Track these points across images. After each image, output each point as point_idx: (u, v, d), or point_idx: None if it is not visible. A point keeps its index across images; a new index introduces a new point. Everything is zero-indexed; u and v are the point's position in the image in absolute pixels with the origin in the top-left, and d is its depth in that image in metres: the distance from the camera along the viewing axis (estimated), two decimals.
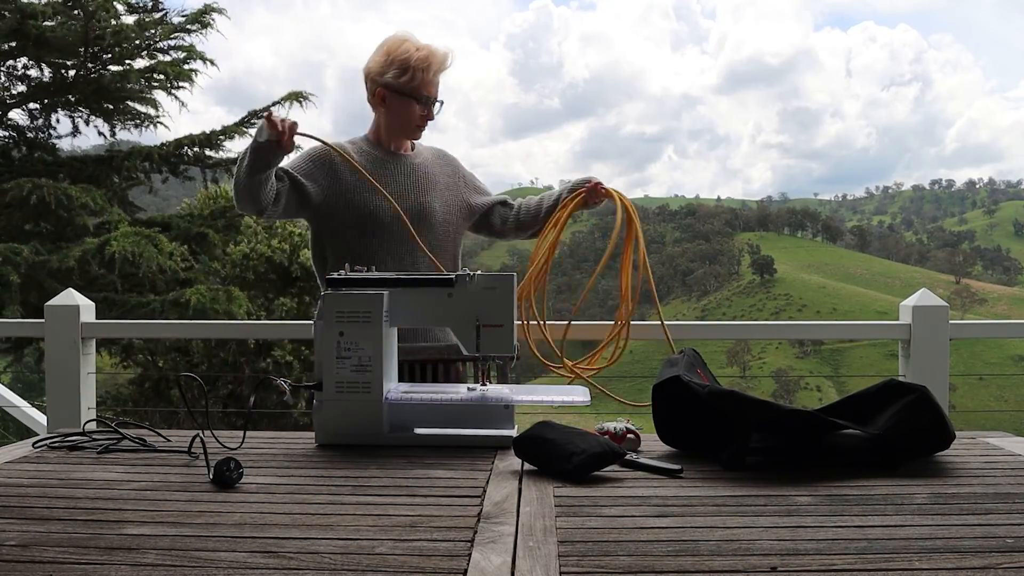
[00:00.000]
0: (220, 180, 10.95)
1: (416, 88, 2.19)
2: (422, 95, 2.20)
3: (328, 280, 1.55)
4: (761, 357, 77.09)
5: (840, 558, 0.89)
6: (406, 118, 2.23)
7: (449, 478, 1.26)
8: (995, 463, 1.36)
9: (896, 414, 1.35)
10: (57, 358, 3.09)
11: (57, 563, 0.87)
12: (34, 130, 10.47)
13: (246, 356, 9.95)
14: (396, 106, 2.22)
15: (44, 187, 8.96)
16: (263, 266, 10.89)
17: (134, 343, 9.47)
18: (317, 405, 1.49)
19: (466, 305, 1.53)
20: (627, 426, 1.46)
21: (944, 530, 0.99)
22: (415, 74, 2.18)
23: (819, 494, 1.16)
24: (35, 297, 8.57)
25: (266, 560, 0.89)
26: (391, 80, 2.19)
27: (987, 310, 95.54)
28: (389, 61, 2.19)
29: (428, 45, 2.24)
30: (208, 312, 8.81)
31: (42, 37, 9.19)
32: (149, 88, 10.28)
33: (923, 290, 3.15)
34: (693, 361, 1.59)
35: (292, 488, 1.20)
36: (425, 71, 2.18)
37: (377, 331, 1.47)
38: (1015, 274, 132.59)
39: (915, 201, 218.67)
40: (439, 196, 2.26)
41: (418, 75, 2.18)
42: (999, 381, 67.39)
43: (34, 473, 1.28)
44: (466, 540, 0.96)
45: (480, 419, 1.52)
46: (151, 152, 10.20)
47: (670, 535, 0.97)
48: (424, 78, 2.19)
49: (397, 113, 2.23)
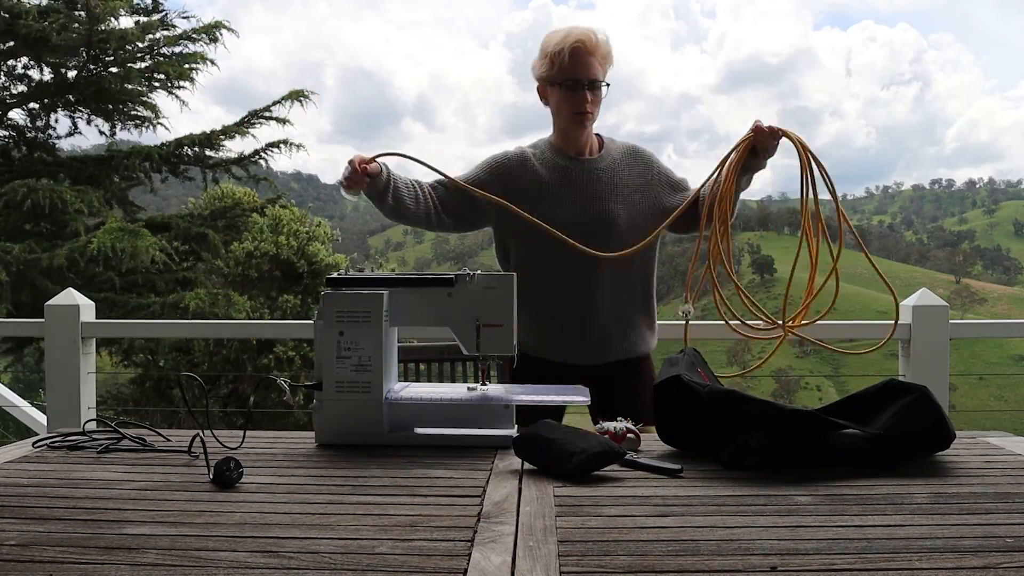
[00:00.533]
0: (221, 180, 10.96)
1: (559, 74, 2.06)
2: (567, 79, 2.06)
3: (328, 280, 1.55)
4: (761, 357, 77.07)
5: (840, 558, 0.89)
6: (560, 110, 2.11)
7: (449, 478, 1.26)
8: (995, 463, 1.36)
9: (896, 414, 1.35)
10: (57, 358, 3.09)
11: (57, 563, 0.87)
12: (34, 130, 10.48)
13: (248, 353, 9.95)
14: (552, 100, 2.12)
15: (39, 190, 8.97)
16: (267, 264, 10.88)
17: (134, 343, 9.48)
18: (317, 405, 1.49)
19: (466, 305, 1.53)
20: (627, 426, 1.46)
21: (944, 530, 0.99)
22: (554, 60, 2.06)
23: (819, 494, 1.16)
24: (28, 296, 8.58)
25: (266, 560, 0.89)
26: (543, 74, 2.10)
27: (987, 310, 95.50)
28: (541, 56, 2.11)
29: (572, 27, 2.11)
30: (207, 316, 8.83)
31: (38, 37, 9.19)
32: (150, 89, 10.29)
33: (923, 290, 3.15)
34: (694, 360, 1.58)
35: (292, 488, 1.20)
36: (562, 53, 2.04)
37: (377, 331, 1.47)
38: (1015, 274, 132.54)
39: (915, 201, 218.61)
40: (625, 200, 2.12)
41: (557, 60, 2.05)
42: (999, 381, 67.37)
43: (34, 473, 1.28)
44: (466, 540, 0.96)
45: (480, 419, 1.52)
46: (151, 152, 10.20)
47: (670, 535, 0.97)
48: (565, 62, 2.05)
49: (556, 108, 2.13)
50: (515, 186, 2.09)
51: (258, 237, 10.90)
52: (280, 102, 10.34)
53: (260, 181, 11.00)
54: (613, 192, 2.13)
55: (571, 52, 2.04)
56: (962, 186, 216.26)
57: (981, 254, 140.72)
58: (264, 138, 10.58)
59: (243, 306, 9.24)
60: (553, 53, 2.06)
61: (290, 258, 10.96)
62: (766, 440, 1.30)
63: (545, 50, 2.09)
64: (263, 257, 10.82)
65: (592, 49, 2.06)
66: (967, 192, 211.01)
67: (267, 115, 10.38)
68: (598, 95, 2.11)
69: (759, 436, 1.30)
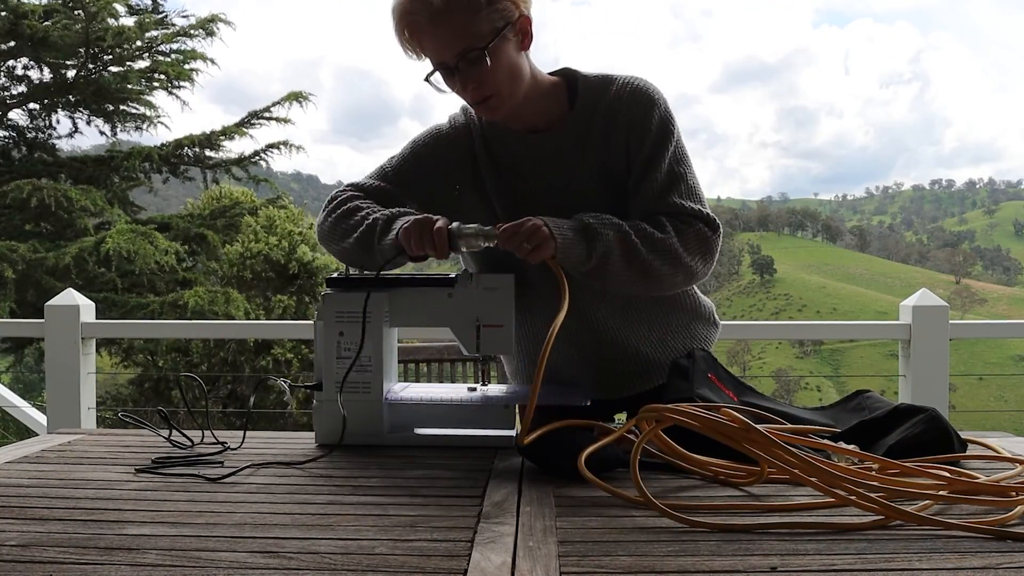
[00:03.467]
0: (220, 180, 10.97)
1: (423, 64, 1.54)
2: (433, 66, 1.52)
3: (328, 280, 1.55)
4: (761, 357, 77.08)
5: (840, 558, 0.89)
6: None
7: (449, 478, 1.26)
8: (995, 463, 1.35)
9: (904, 431, 1.34)
10: (57, 358, 3.09)
11: (57, 563, 0.87)
12: (34, 130, 10.49)
13: (245, 355, 9.96)
14: None
15: (44, 189, 8.99)
16: (260, 264, 10.89)
17: (134, 343, 9.49)
18: (317, 405, 1.49)
19: (466, 305, 1.53)
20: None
21: (944, 530, 0.99)
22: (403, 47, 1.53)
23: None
24: (33, 296, 8.59)
25: (266, 560, 0.89)
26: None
27: (987, 310, 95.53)
28: None
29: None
30: (206, 315, 8.84)
31: (42, 37, 9.21)
32: (150, 88, 10.30)
33: (923, 290, 3.16)
34: (704, 366, 1.54)
35: (292, 488, 1.20)
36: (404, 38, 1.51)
37: (377, 331, 1.47)
38: (1015, 274, 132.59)
39: (915, 201, 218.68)
40: (604, 174, 1.62)
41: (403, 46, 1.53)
42: (999, 381, 67.39)
43: (34, 473, 1.28)
44: (466, 540, 0.96)
45: (480, 419, 1.52)
46: (151, 152, 10.22)
47: (670, 535, 0.97)
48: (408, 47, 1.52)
49: None
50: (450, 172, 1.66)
51: (251, 238, 10.91)
52: (280, 103, 10.36)
53: (260, 182, 11.02)
54: (580, 165, 1.61)
55: (408, 34, 1.48)
56: (962, 186, 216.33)
57: (981, 254, 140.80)
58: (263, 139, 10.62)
59: (242, 304, 9.25)
60: (398, 37, 1.51)
61: (281, 259, 10.98)
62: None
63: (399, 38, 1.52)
64: (256, 258, 10.83)
65: (433, 16, 1.43)
66: (967, 192, 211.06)
67: (267, 115, 10.40)
68: (481, 67, 1.46)
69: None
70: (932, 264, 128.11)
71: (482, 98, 1.51)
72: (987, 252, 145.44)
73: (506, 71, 1.49)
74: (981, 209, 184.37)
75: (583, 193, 1.60)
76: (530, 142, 1.62)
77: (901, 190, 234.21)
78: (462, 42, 1.44)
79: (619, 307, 1.65)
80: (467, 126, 1.68)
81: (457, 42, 1.44)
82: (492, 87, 1.50)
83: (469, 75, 1.48)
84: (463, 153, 1.67)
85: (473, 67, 1.46)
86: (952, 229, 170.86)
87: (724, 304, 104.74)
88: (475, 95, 1.51)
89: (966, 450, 1.35)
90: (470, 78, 1.48)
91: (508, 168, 1.64)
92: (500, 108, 1.53)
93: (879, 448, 1.35)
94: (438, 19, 1.42)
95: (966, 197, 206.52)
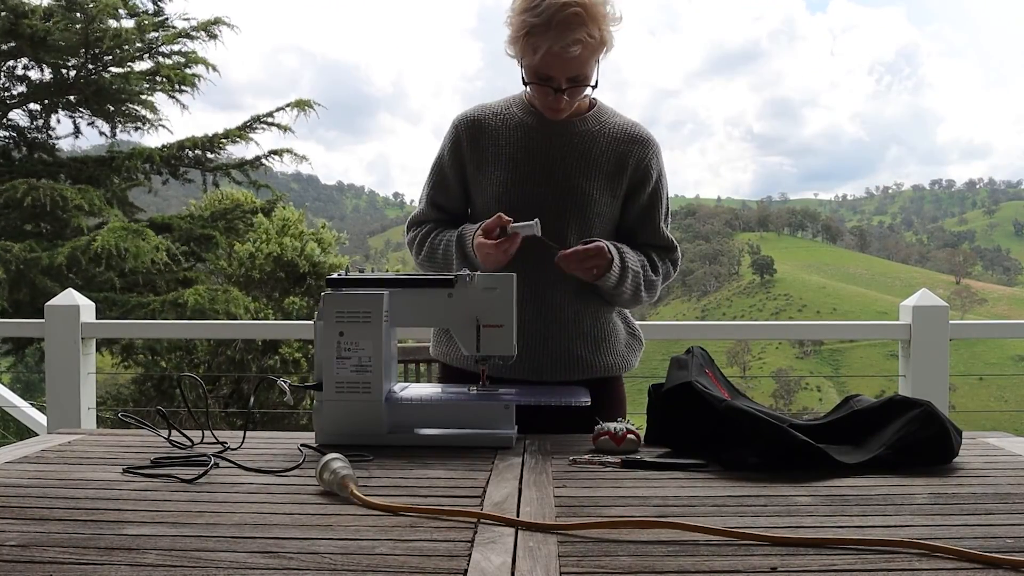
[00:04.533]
0: (220, 183, 10.97)
1: (527, 71, 1.69)
2: (538, 77, 1.68)
3: (328, 280, 1.55)
4: (761, 357, 77.07)
5: (840, 558, 0.89)
6: (533, 96, 1.77)
7: (449, 478, 1.26)
8: (995, 463, 1.36)
9: (900, 428, 1.34)
10: (57, 358, 3.09)
11: (57, 563, 0.87)
12: (34, 131, 10.49)
13: (252, 354, 9.95)
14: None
15: (40, 188, 8.99)
16: (270, 264, 10.90)
17: (135, 343, 9.49)
18: (317, 405, 1.49)
19: (466, 305, 1.53)
20: (627, 427, 1.46)
21: (944, 530, 0.99)
22: (523, 49, 1.64)
23: (819, 494, 1.16)
24: (27, 295, 8.59)
25: (266, 560, 0.89)
26: (513, 55, 1.70)
27: (987, 310, 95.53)
28: (510, 28, 1.66)
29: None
30: (207, 312, 8.83)
31: (42, 38, 9.21)
32: (151, 90, 10.30)
33: (923, 290, 3.16)
34: (703, 362, 1.56)
35: (292, 488, 1.20)
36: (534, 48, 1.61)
37: (377, 331, 1.47)
38: (1015, 274, 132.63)
39: (915, 201, 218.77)
40: (598, 181, 1.80)
41: (525, 50, 1.64)
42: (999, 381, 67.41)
43: (34, 473, 1.28)
44: (466, 540, 0.96)
45: (480, 419, 1.52)
46: (152, 154, 10.22)
47: (670, 535, 0.97)
48: (534, 59, 1.63)
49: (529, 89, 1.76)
50: (473, 155, 1.81)
51: (261, 238, 10.91)
52: (284, 108, 10.36)
53: (260, 188, 11.03)
54: (585, 166, 1.76)
55: (530, 38, 1.60)
56: (962, 186, 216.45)
57: (981, 255, 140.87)
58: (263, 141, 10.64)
59: (243, 302, 9.24)
60: (520, 37, 1.62)
61: (293, 259, 10.98)
62: (765, 463, 1.29)
63: (514, 25, 1.64)
64: (266, 258, 10.83)
65: (573, 42, 1.58)
66: (967, 192, 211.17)
67: (269, 120, 10.39)
68: (579, 92, 1.70)
69: (760, 461, 1.29)
70: (932, 264, 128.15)
71: (563, 111, 1.73)
72: (987, 252, 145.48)
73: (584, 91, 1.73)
74: (981, 209, 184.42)
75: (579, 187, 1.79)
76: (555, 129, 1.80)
77: (901, 190, 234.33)
78: (581, 72, 1.66)
79: (573, 294, 1.79)
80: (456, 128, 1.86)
81: (576, 71, 1.65)
82: (575, 104, 1.74)
83: (569, 95, 1.69)
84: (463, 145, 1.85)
85: (574, 91, 1.69)
86: (952, 229, 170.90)
87: (724, 304, 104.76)
88: (563, 110, 1.73)
89: (961, 438, 1.35)
90: (567, 98, 1.69)
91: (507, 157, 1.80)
92: (566, 114, 1.76)
93: (876, 442, 1.35)
94: (572, 47, 1.59)
95: (966, 197, 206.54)
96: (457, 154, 1.82)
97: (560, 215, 1.74)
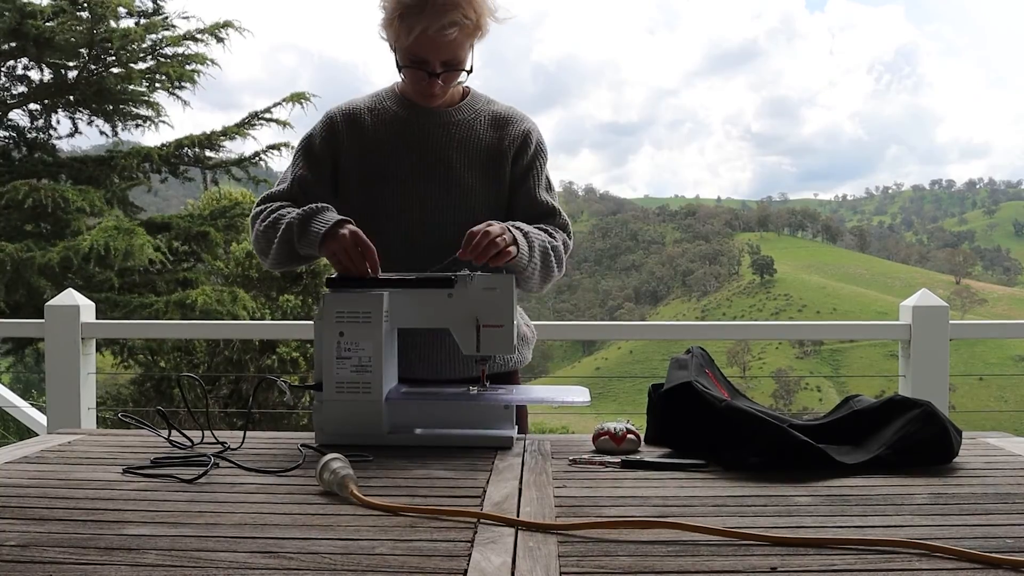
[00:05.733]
0: (220, 181, 10.97)
1: (402, 54, 1.66)
2: (413, 60, 1.65)
3: (328, 281, 1.55)
4: (761, 357, 77.05)
5: (840, 558, 0.89)
6: (407, 81, 1.73)
7: (449, 478, 1.26)
8: (995, 463, 1.36)
9: (900, 428, 1.34)
10: (57, 358, 3.09)
11: (57, 563, 0.87)
12: (34, 131, 10.48)
13: (250, 354, 9.94)
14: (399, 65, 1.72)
15: (41, 189, 8.98)
16: None
17: (135, 343, 9.49)
18: (317, 405, 1.49)
19: (466, 305, 1.53)
20: (627, 426, 1.46)
21: (944, 530, 0.99)
22: (397, 30, 1.62)
23: (819, 494, 1.16)
24: (23, 295, 8.59)
25: (266, 560, 0.89)
26: (386, 37, 1.68)
27: (987, 310, 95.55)
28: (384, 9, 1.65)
29: None
30: (213, 313, 8.83)
31: (44, 38, 9.21)
32: (151, 89, 10.30)
33: (923, 290, 3.16)
34: (702, 362, 1.57)
35: (292, 488, 1.20)
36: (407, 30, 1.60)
37: (377, 331, 1.47)
38: (1015, 274, 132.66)
39: (915, 201, 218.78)
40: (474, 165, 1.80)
41: (398, 32, 1.62)
42: (999, 381, 67.41)
43: (34, 473, 1.28)
44: (466, 540, 0.96)
45: (480, 419, 1.52)
46: (151, 153, 10.21)
47: (670, 535, 0.97)
48: (406, 41, 1.62)
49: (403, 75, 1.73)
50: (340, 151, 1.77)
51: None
52: (281, 103, 10.36)
53: (260, 183, 11.02)
54: (464, 155, 1.75)
55: (401, 21, 1.60)
56: (962, 186, 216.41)
57: (981, 255, 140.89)
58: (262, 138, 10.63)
59: (247, 302, 9.24)
60: (394, 19, 1.60)
61: None
62: (765, 463, 1.29)
63: (388, 7, 1.62)
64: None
65: (444, 26, 1.58)
66: (967, 192, 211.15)
67: (267, 116, 10.39)
68: (454, 77, 1.68)
69: (760, 461, 1.29)
70: (932, 264, 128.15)
71: (437, 96, 1.71)
72: (987, 252, 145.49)
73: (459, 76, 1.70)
74: (981, 209, 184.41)
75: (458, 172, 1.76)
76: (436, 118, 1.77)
77: (901, 190, 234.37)
78: (455, 56, 1.65)
79: None
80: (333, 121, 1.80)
81: (450, 55, 1.64)
82: (450, 90, 1.73)
83: (444, 80, 1.67)
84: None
85: (449, 76, 1.67)
86: (952, 229, 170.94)
87: (724, 304, 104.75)
88: (437, 96, 1.71)
89: (961, 438, 1.35)
90: (442, 83, 1.67)
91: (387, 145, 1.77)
92: (439, 100, 1.74)
93: (876, 442, 1.35)
94: (447, 30, 1.58)
95: (966, 197, 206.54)
96: (332, 143, 1.76)
97: (442, 209, 1.72)
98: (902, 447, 1.32)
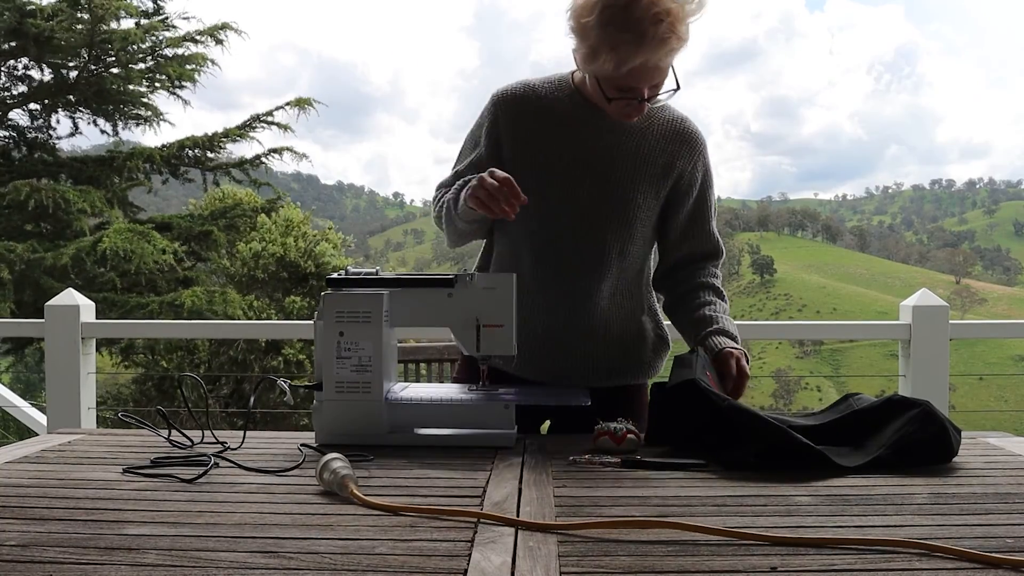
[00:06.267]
0: (221, 182, 10.98)
1: (605, 82, 1.55)
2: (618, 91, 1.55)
3: (328, 280, 1.55)
4: (761, 357, 77.01)
5: (840, 558, 0.89)
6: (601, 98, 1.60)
7: (449, 478, 1.26)
8: (995, 463, 1.36)
9: (900, 428, 1.34)
10: (57, 358, 3.09)
11: (57, 563, 0.87)
12: (34, 131, 10.49)
13: (255, 354, 9.95)
14: (590, 84, 1.62)
15: (42, 190, 8.99)
16: (274, 264, 10.91)
17: (135, 343, 9.49)
18: (317, 405, 1.49)
19: (466, 305, 1.53)
20: (627, 426, 1.46)
21: (944, 530, 0.99)
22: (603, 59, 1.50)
23: (819, 494, 1.16)
24: (30, 296, 8.60)
25: (266, 560, 0.89)
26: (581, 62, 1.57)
27: (987, 310, 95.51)
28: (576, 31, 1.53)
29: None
30: (204, 314, 8.84)
31: (44, 37, 9.21)
32: (151, 90, 10.30)
33: (923, 290, 3.16)
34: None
35: (292, 488, 1.20)
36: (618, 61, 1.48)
37: (377, 331, 1.47)
38: (1015, 274, 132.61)
39: (915, 201, 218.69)
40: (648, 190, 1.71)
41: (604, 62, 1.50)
42: (999, 381, 67.37)
43: (34, 473, 1.28)
44: (466, 540, 0.96)
45: (480, 419, 1.52)
46: (152, 153, 10.22)
47: (670, 535, 0.97)
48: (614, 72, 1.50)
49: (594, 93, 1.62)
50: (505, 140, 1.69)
51: (267, 238, 10.93)
52: (283, 107, 10.37)
53: (261, 186, 11.03)
54: (633, 168, 1.66)
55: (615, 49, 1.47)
56: (962, 186, 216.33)
57: (981, 254, 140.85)
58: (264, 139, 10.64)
59: (239, 304, 9.24)
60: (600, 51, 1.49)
61: (297, 260, 10.99)
62: (765, 463, 1.29)
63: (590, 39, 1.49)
64: (271, 258, 10.85)
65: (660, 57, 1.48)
66: (967, 192, 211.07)
67: (269, 120, 10.40)
68: (659, 94, 1.59)
69: (760, 461, 1.29)
70: (932, 264, 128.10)
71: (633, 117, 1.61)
72: (987, 252, 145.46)
73: None
74: (981, 209, 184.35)
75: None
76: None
77: (901, 190, 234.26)
78: (663, 79, 1.55)
79: (606, 300, 1.73)
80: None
81: (661, 79, 1.55)
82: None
83: (651, 102, 1.57)
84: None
85: (655, 98, 1.58)
86: (952, 229, 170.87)
87: None
88: (639, 115, 1.60)
89: (960, 437, 1.35)
90: (646, 103, 1.57)
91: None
92: None
93: (876, 443, 1.35)
94: (663, 60, 1.49)
95: (966, 197, 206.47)
96: (493, 135, 1.70)
97: (602, 221, 1.66)
98: (901, 447, 1.32)
